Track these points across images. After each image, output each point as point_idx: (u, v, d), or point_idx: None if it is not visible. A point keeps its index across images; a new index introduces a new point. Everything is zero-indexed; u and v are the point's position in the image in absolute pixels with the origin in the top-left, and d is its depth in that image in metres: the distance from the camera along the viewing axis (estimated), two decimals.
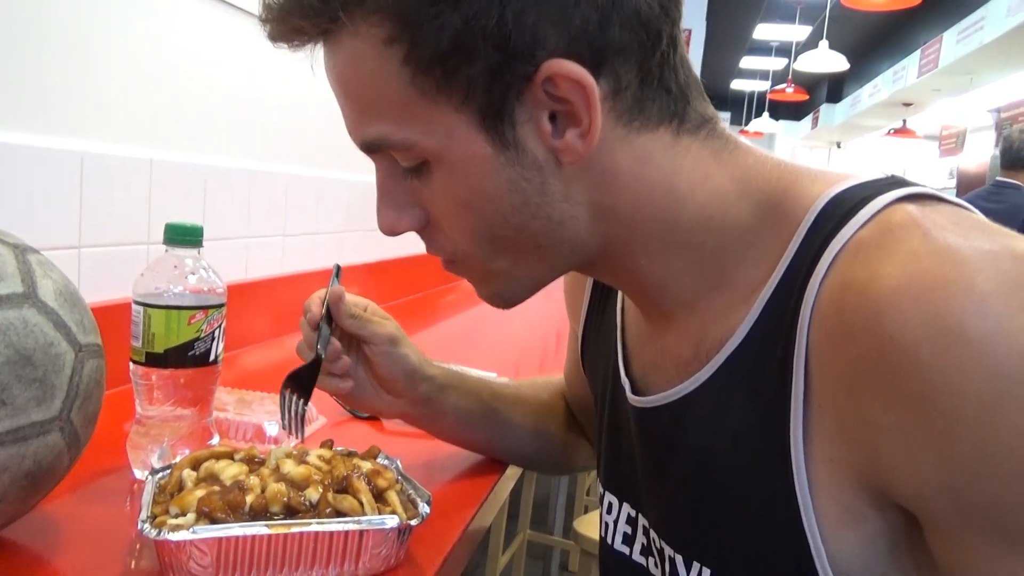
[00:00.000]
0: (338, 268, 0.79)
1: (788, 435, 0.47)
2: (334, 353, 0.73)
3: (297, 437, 0.74)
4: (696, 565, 0.54)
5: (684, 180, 0.51)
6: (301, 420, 0.74)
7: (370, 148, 0.53)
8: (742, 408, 0.50)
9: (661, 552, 0.58)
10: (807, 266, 0.47)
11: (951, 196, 0.47)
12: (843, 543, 0.46)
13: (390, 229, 0.55)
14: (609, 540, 0.66)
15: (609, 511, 0.66)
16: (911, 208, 0.45)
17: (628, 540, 0.64)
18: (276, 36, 0.52)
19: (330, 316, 0.74)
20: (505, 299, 0.59)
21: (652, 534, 0.60)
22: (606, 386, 0.67)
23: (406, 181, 0.53)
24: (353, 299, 0.76)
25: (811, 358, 0.46)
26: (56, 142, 0.95)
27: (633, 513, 0.63)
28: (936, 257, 0.41)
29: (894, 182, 0.48)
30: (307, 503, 0.58)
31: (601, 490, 0.69)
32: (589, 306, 0.73)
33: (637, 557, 0.63)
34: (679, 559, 0.55)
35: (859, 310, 0.43)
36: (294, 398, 0.73)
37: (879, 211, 0.46)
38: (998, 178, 3.03)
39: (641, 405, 0.59)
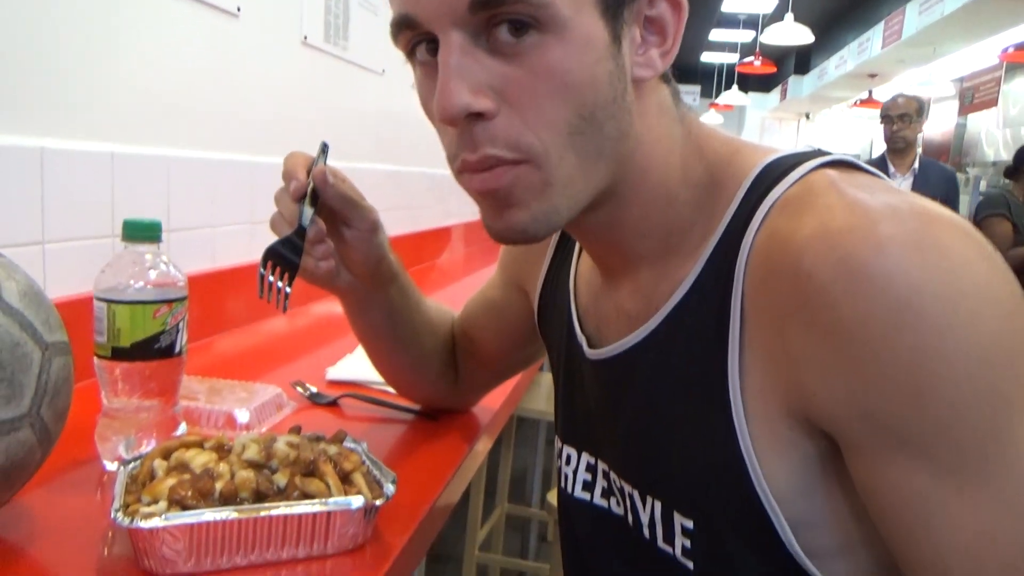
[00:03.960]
0: (325, 146, 0.75)
1: (726, 373, 0.52)
2: (319, 234, 0.73)
3: (280, 308, 0.71)
4: (649, 499, 0.59)
5: (674, 138, 0.58)
6: (286, 293, 0.71)
7: (487, 4, 0.48)
8: (686, 352, 0.55)
9: (621, 490, 0.63)
10: (743, 222, 0.53)
11: (864, 164, 0.54)
12: (778, 469, 0.51)
13: (464, 106, 0.49)
14: (569, 490, 0.70)
15: (568, 463, 0.70)
16: (830, 172, 0.52)
17: (588, 487, 0.68)
18: None
19: (315, 194, 0.71)
20: (527, 229, 0.53)
21: (612, 475, 0.64)
22: (561, 346, 0.71)
23: (485, 60, 0.50)
24: (335, 173, 0.74)
25: (745, 302, 0.52)
26: (14, 140, 0.95)
27: (592, 460, 0.67)
28: (847, 209, 0.47)
29: (818, 152, 0.55)
30: (275, 488, 0.60)
31: (560, 445, 0.73)
32: (547, 272, 0.76)
33: (598, 501, 0.67)
34: (635, 494, 0.60)
35: (784, 255, 0.49)
36: (277, 271, 0.71)
37: (804, 175, 0.52)
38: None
39: (595, 357, 0.64)
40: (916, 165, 3.45)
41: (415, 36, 0.52)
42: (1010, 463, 0.45)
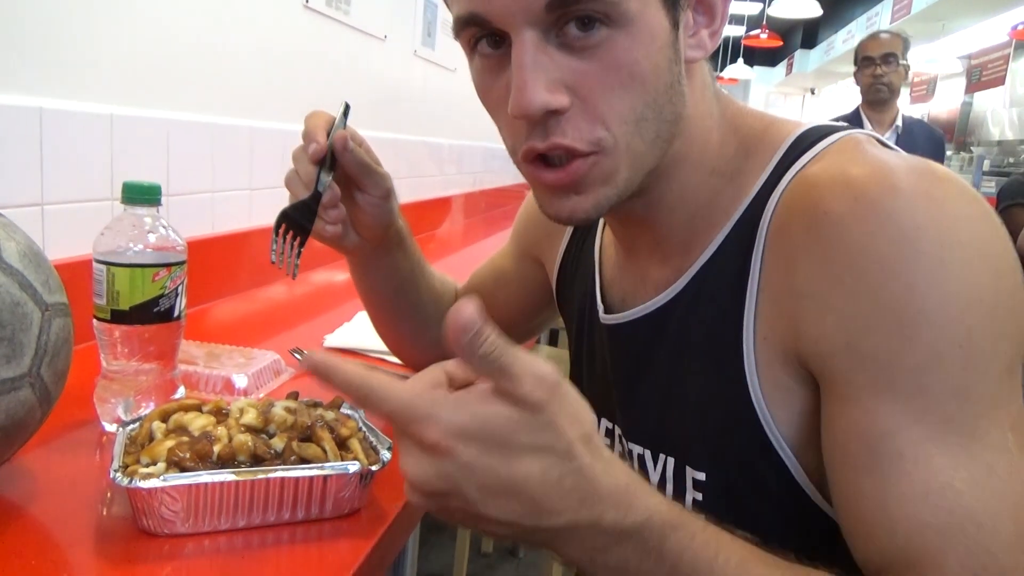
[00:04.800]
0: (347, 107, 0.75)
1: (743, 324, 0.55)
2: (333, 199, 0.74)
3: (291, 274, 0.73)
4: (662, 456, 0.61)
5: (711, 115, 0.60)
6: (297, 257, 0.73)
7: (562, 2, 0.49)
8: (709, 309, 0.57)
9: (629, 453, 0.64)
10: (772, 185, 0.56)
11: (889, 143, 0.57)
12: (785, 415, 0.53)
13: (543, 104, 0.50)
14: None
15: None
16: (861, 136, 0.56)
17: None
18: None
19: (332, 157, 0.71)
20: (592, 214, 0.56)
21: (623, 440, 0.66)
22: (582, 316, 0.72)
23: (557, 57, 0.51)
24: (356, 137, 0.75)
25: (766, 250, 0.54)
26: (13, 99, 0.95)
27: (610, 425, 0.69)
28: (869, 161, 0.51)
29: (849, 125, 0.58)
30: (272, 452, 0.61)
31: None
32: (567, 245, 0.77)
33: None
34: (647, 454, 0.62)
35: (804, 197, 0.52)
36: (288, 236, 0.72)
37: (838, 139, 0.56)
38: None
39: (615, 322, 0.66)
40: (899, 122, 2.76)
41: (481, 32, 0.53)
42: (967, 428, 0.46)
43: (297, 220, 0.71)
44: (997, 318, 0.46)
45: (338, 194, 0.74)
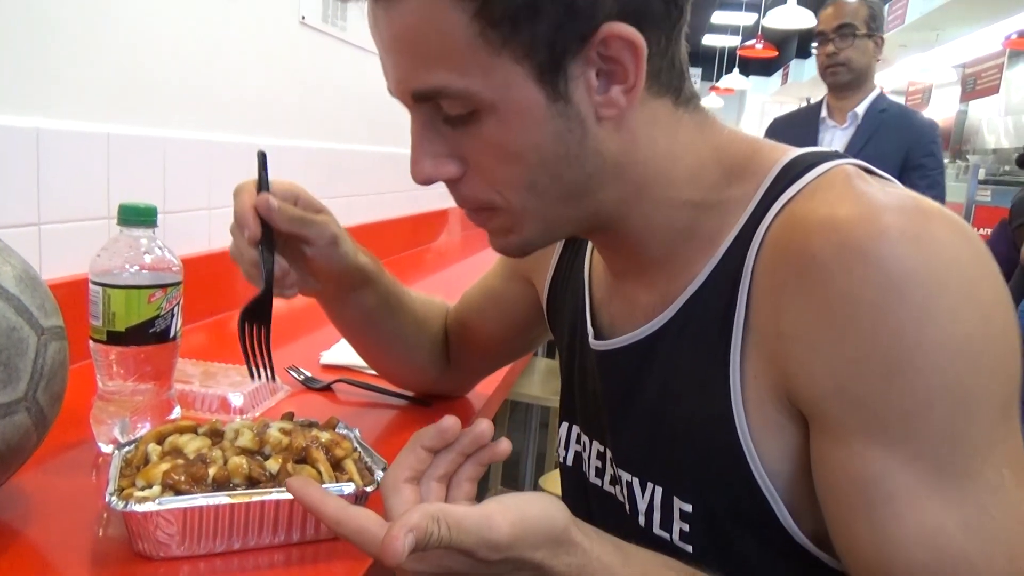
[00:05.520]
0: (262, 158, 0.73)
1: (729, 359, 0.54)
2: (283, 273, 0.73)
3: (269, 379, 0.73)
4: (650, 485, 0.61)
5: (679, 145, 0.58)
6: (268, 357, 0.72)
7: (422, 97, 0.53)
8: (697, 343, 0.57)
9: (619, 479, 0.65)
10: (760, 216, 0.55)
11: (878, 171, 0.56)
12: (772, 452, 0.53)
13: (427, 177, 0.56)
14: (584, 471, 0.71)
15: (586, 448, 0.72)
16: (849, 168, 0.55)
17: (600, 473, 0.69)
18: None
19: (268, 228, 0.71)
20: (523, 248, 0.61)
21: (613, 465, 0.66)
22: (573, 336, 0.72)
23: (445, 130, 0.55)
24: (282, 188, 0.74)
25: (753, 287, 0.54)
26: (9, 120, 0.95)
27: (601, 449, 0.69)
28: (858, 200, 0.50)
29: (838, 154, 0.57)
30: (267, 474, 0.61)
31: (576, 428, 0.73)
32: (557, 265, 0.78)
33: (607, 487, 0.68)
34: (635, 482, 0.62)
35: (792, 239, 0.52)
36: (254, 330, 0.71)
37: (826, 170, 0.54)
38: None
39: (605, 348, 0.66)
40: (861, 109, 2.25)
41: None
42: (959, 470, 0.46)
43: (258, 316, 0.71)
44: (987, 362, 0.47)
45: (285, 267, 0.74)
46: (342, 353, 1.12)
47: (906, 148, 2.21)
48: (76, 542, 0.60)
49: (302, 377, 1.03)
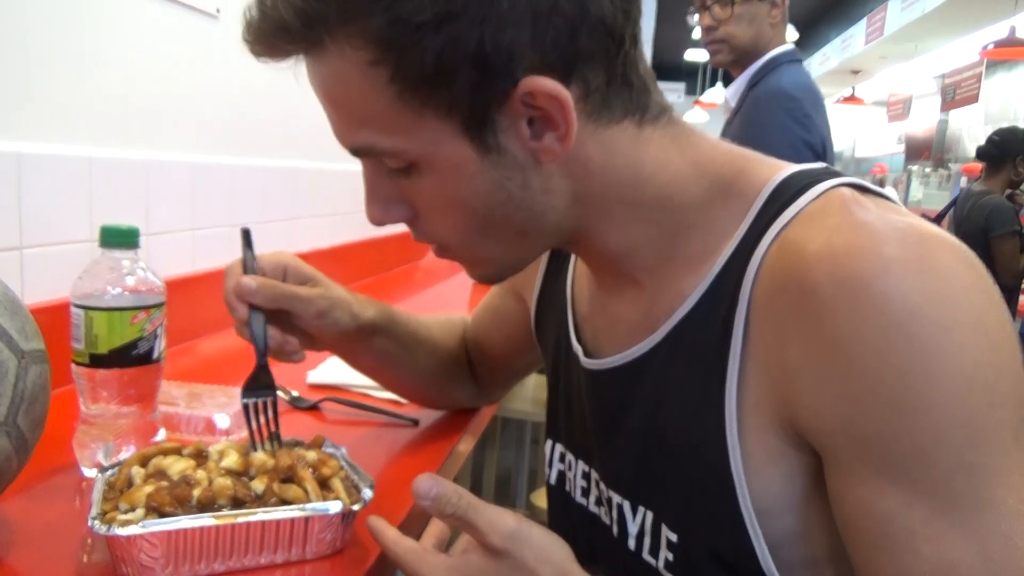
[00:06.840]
0: (247, 234, 0.75)
1: (725, 386, 0.53)
2: (280, 346, 0.74)
3: (275, 446, 0.69)
4: (641, 509, 0.60)
5: (647, 165, 0.56)
6: (277, 428, 0.70)
7: (358, 152, 0.56)
8: (689, 367, 0.56)
9: (609, 501, 0.64)
10: (755, 239, 0.53)
11: (876, 187, 0.55)
12: (767, 481, 0.52)
13: (378, 222, 0.58)
14: (568, 490, 0.71)
15: (570, 467, 0.71)
16: (845, 191, 0.53)
17: (585, 493, 0.69)
18: (260, 53, 0.54)
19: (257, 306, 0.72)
20: (494, 278, 0.63)
21: (601, 486, 0.65)
22: (558, 352, 0.72)
23: (392, 178, 0.56)
24: (271, 263, 0.75)
25: (751, 315, 0.53)
26: None
27: (587, 469, 0.68)
28: (857, 229, 0.48)
29: (832, 172, 0.55)
30: (253, 494, 0.61)
31: (560, 447, 0.73)
32: (543, 280, 0.77)
33: (592, 508, 0.68)
34: (626, 504, 0.61)
35: (791, 268, 0.50)
36: (260, 404, 0.70)
37: (821, 192, 0.53)
38: None
39: (594, 368, 0.64)
40: (730, 93, 1.82)
41: None
42: (978, 501, 0.45)
43: (258, 391, 0.71)
44: (999, 392, 0.46)
45: (280, 339, 0.74)
46: (329, 372, 1.11)
47: (771, 130, 1.70)
48: (60, 569, 0.59)
49: (289, 397, 1.02)
